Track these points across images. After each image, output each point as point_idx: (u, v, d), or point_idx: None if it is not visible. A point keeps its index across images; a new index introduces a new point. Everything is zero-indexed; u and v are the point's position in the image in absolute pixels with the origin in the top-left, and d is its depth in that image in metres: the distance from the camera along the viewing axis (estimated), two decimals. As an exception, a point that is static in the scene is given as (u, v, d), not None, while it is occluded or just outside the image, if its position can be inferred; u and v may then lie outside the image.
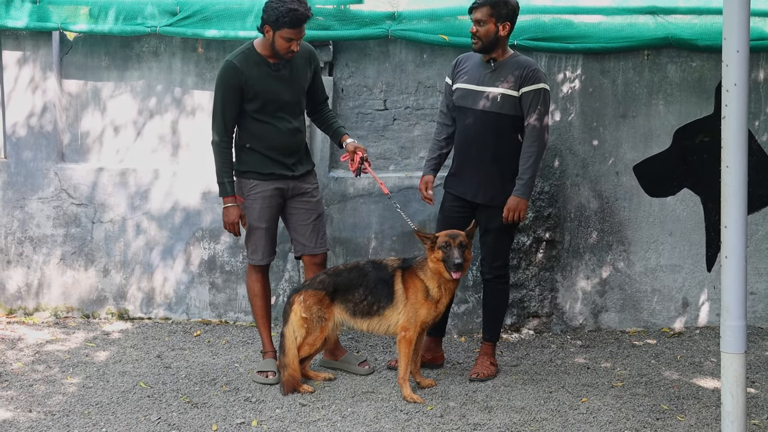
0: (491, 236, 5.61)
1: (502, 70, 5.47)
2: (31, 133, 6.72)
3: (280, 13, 5.18)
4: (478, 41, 5.43)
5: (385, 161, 6.73)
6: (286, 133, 5.51)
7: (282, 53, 5.34)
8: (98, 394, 5.24)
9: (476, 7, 5.41)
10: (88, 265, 6.80)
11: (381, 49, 6.63)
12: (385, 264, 5.40)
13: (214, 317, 6.81)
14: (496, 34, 5.40)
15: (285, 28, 5.23)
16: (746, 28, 3.66)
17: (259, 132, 5.50)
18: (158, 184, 6.73)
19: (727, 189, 3.63)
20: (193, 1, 6.52)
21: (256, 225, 5.59)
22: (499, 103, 5.43)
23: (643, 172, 6.65)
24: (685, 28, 6.51)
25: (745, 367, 3.60)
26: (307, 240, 5.67)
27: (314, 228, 5.67)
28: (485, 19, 5.37)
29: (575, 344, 6.40)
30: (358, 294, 5.33)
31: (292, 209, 5.66)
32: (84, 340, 6.31)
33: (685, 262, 6.72)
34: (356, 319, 5.34)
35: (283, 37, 5.26)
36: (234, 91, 5.39)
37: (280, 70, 5.44)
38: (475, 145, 5.55)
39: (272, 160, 5.52)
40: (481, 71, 5.53)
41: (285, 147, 5.53)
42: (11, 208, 6.78)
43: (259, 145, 5.51)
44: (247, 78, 5.37)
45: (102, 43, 6.74)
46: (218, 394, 5.27)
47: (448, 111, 5.71)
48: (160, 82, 6.77)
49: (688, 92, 6.60)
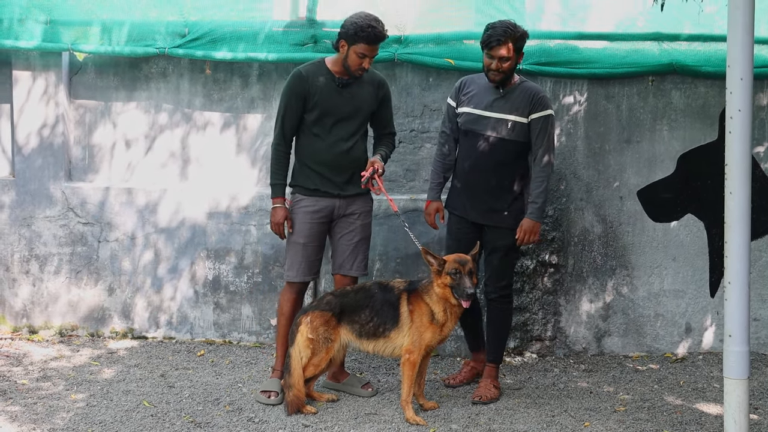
0: (497, 256, 5.66)
1: (511, 96, 5.54)
2: (40, 152, 6.78)
3: (358, 27, 5.29)
4: (501, 74, 5.47)
5: (390, 183, 6.76)
6: (339, 151, 5.56)
7: (353, 69, 5.43)
8: (102, 412, 5.25)
9: (499, 45, 5.39)
10: (93, 283, 6.83)
11: (387, 73, 6.67)
12: (391, 286, 5.42)
13: (218, 337, 6.83)
14: (516, 65, 5.51)
15: (361, 43, 5.33)
16: (750, 56, 3.71)
17: (311, 146, 5.58)
18: (164, 203, 6.77)
19: (731, 215, 3.66)
20: (201, 23, 6.59)
21: (295, 239, 5.62)
22: (510, 130, 5.51)
23: (647, 197, 6.68)
24: (689, 54, 6.55)
25: (748, 393, 3.61)
26: (345, 260, 5.70)
27: (354, 249, 5.69)
28: (510, 55, 5.41)
29: (578, 368, 6.41)
30: (364, 315, 5.34)
31: (336, 228, 5.70)
32: (89, 357, 6.33)
33: (689, 287, 6.73)
34: (362, 340, 5.36)
35: (356, 53, 5.36)
36: (297, 98, 5.49)
37: (345, 86, 5.52)
38: (482, 169, 5.60)
39: (321, 177, 5.58)
40: (490, 96, 5.58)
41: (335, 165, 5.57)
42: (18, 227, 6.82)
43: (309, 159, 5.58)
44: (310, 87, 5.47)
45: (111, 64, 6.81)
46: (221, 414, 5.28)
47: (451, 133, 5.76)
48: (168, 103, 6.83)
49: (692, 118, 6.64)
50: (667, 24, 6.58)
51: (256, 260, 6.72)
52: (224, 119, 6.83)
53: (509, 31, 5.39)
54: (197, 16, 6.63)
